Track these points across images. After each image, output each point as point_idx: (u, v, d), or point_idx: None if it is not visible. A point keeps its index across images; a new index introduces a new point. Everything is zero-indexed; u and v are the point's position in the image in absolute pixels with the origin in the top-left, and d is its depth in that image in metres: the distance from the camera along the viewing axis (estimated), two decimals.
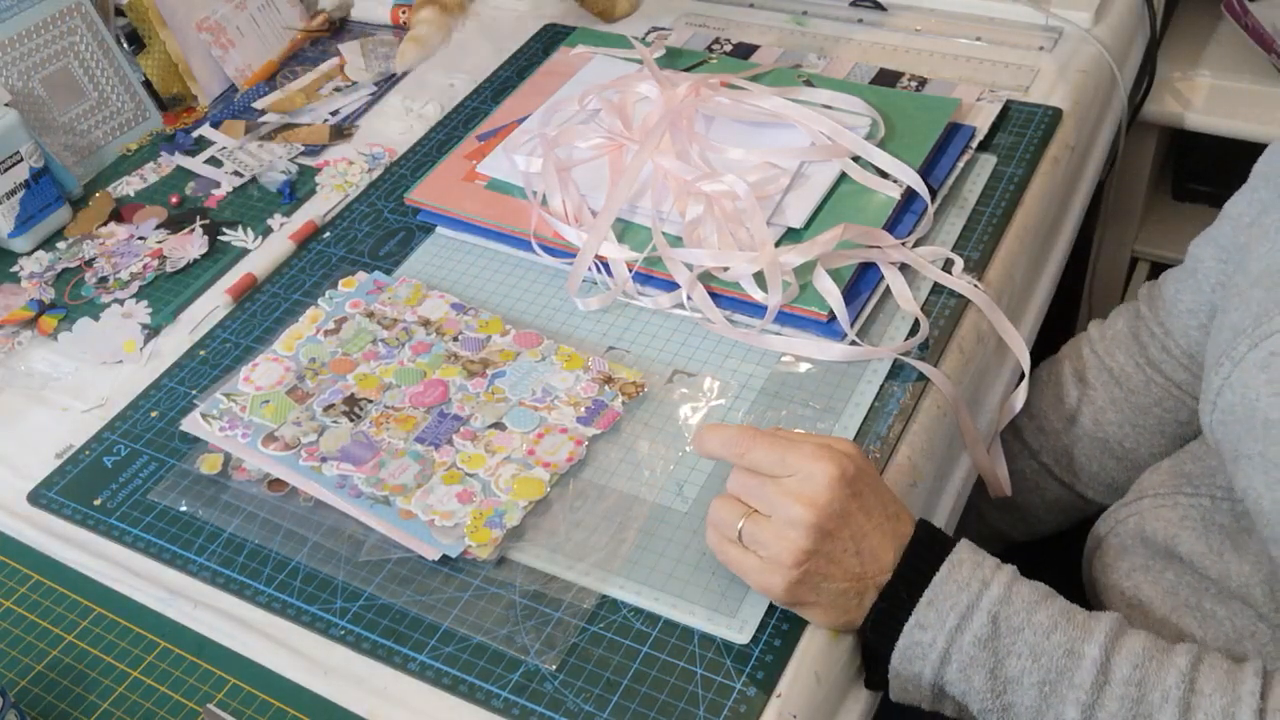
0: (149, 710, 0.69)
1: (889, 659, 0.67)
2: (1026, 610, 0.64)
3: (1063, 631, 0.64)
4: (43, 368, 0.92)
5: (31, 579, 0.77)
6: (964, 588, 0.65)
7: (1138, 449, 0.94)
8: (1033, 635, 0.64)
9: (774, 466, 0.66)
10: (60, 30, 1.10)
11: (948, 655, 0.65)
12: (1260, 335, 0.68)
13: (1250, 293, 0.72)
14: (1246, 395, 0.68)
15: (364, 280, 0.92)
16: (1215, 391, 0.71)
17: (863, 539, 0.65)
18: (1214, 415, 0.71)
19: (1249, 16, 1.27)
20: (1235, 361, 0.69)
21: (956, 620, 0.64)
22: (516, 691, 0.66)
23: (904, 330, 0.84)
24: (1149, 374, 0.92)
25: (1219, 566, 0.76)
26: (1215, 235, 0.85)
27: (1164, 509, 0.81)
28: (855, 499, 0.65)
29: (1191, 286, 0.87)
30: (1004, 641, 0.64)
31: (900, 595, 0.65)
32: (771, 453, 0.66)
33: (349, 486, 0.76)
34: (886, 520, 0.66)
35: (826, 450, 0.65)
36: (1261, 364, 0.68)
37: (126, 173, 1.11)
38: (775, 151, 0.92)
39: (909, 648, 0.66)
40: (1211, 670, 0.63)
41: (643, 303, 0.88)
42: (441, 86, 1.18)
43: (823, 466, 0.64)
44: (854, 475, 0.65)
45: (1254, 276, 0.73)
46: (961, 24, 1.14)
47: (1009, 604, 0.64)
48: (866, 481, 0.66)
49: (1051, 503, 1.00)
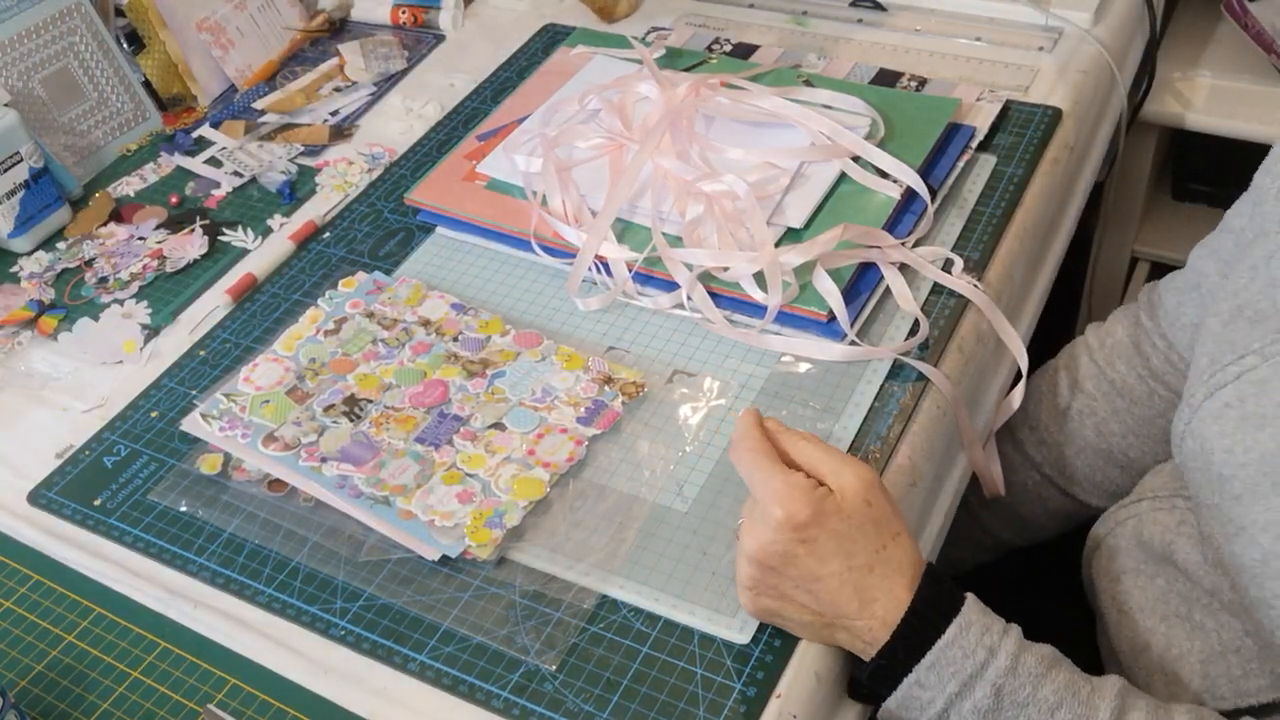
0: (149, 710, 0.69)
1: (884, 696, 0.65)
2: (1032, 684, 0.62)
3: (1068, 709, 0.62)
4: (43, 368, 0.92)
5: (31, 579, 0.77)
6: (969, 655, 0.62)
7: (1143, 458, 0.92)
8: (1036, 713, 0.62)
9: (747, 481, 0.65)
10: (60, 30, 1.10)
11: (945, 715, 0.63)
12: (1215, 385, 0.67)
13: (1210, 324, 0.70)
14: (1204, 445, 0.66)
15: (364, 280, 0.92)
16: (1180, 436, 0.70)
17: (815, 583, 0.63)
18: (1180, 457, 0.70)
19: (1249, 16, 1.27)
20: (1193, 409, 0.68)
21: (957, 688, 0.63)
22: (516, 691, 0.66)
23: (904, 330, 0.84)
24: (1152, 385, 0.91)
25: (1212, 578, 0.75)
26: (1217, 248, 0.83)
27: (1161, 512, 0.81)
28: (804, 544, 0.62)
29: (1194, 300, 0.85)
30: (1006, 715, 0.62)
31: (898, 655, 0.63)
32: (747, 465, 0.65)
33: (349, 487, 0.76)
34: (849, 570, 0.62)
35: (787, 491, 0.63)
36: (1215, 414, 0.66)
37: (126, 173, 1.11)
38: (775, 151, 0.92)
39: (907, 699, 0.64)
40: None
41: (643, 303, 0.88)
42: (441, 86, 1.18)
43: (773, 510, 0.62)
44: (805, 522, 0.62)
45: (1224, 316, 0.71)
46: (961, 24, 1.14)
47: (1015, 676, 0.62)
48: (828, 527, 0.62)
49: (1054, 511, 0.99)
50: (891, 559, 0.64)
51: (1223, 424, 0.65)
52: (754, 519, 0.64)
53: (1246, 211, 0.81)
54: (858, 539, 0.63)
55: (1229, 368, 0.67)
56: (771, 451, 0.65)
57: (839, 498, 0.63)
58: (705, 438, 0.78)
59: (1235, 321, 0.69)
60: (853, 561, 0.63)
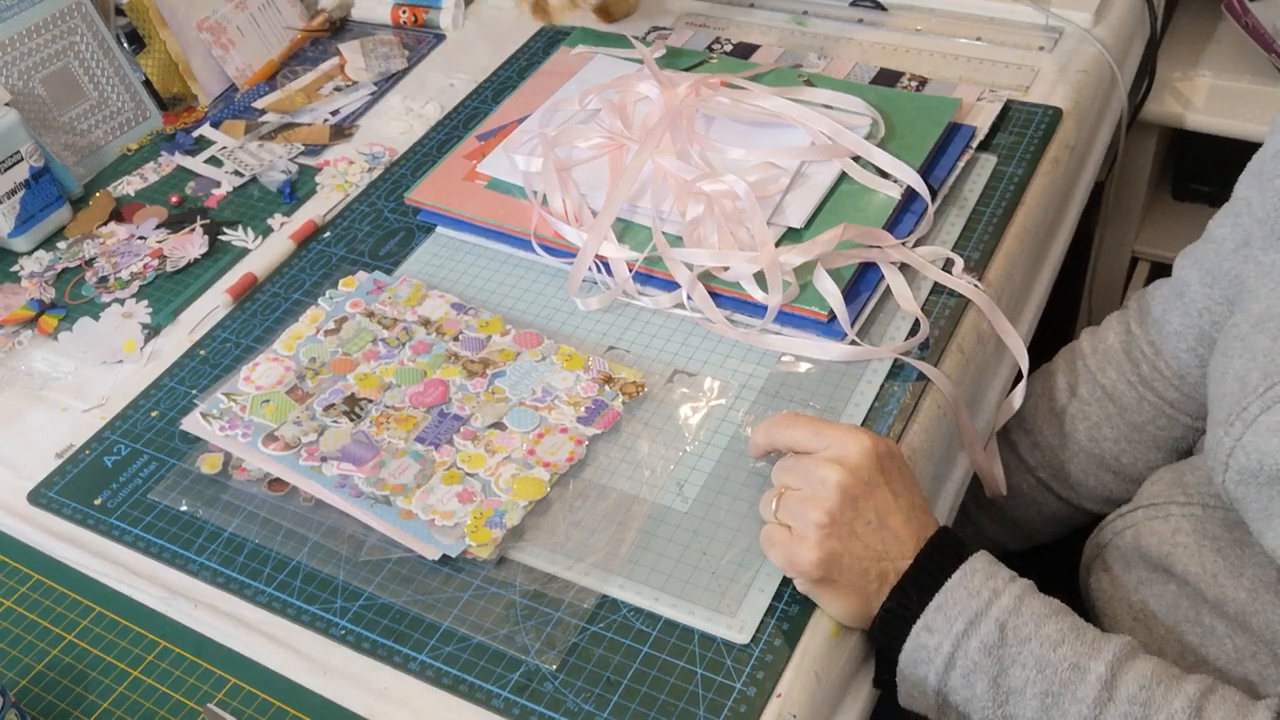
0: (149, 710, 0.69)
1: (897, 661, 0.67)
2: (1035, 622, 0.64)
3: (1070, 646, 0.63)
4: (43, 367, 0.92)
5: (31, 579, 0.77)
6: (975, 595, 0.65)
7: (1134, 464, 0.93)
8: (1039, 646, 0.63)
9: (810, 441, 0.69)
10: (60, 30, 1.10)
11: (952, 660, 0.64)
12: (1272, 398, 0.66)
13: (1253, 339, 0.70)
14: (1265, 461, 0.65)
15: (364, 280, 0.92)
16: (1227, 452, 0.69)
17: (887, 515, 0.66)
18: (1228, 475, 0.69)
19: (1249, 16, 1.27)
20: (1246, 424, 0.67)
21: (964, 625, 0.64)
22: (516, 691, 0.66)
23: (904, 330, 0.84)
24: (1141, 392, 0.91)
25: (1215, 590, 0.75)
26: (1200, 257, 0.84)
27: (1156, 521, 0.81)
28: (884, 474, 0.67)
29: (1179, 309, 0.86)
30: (1010, 650, 0.64)
31: (910, 597, 0.65)
32: (809, 428, 0.69)
33: (349, 486, 0.76)
34: (912, 508, 0.67)
35: (863, 429, 0.69)
36: (1275, 428, 0.65)
37: (127, 172, 1.11)
38: (775, 151, 0.92)
39: (915, 650, 0.66)
40: (1222, 702, 0.62)
41: (643, 303, 0.88)
42: (441, 86, 1.18)
43: (857, 436, 0.68)
44: (885, 453, 0.68)
45: (1255, 319, 0.71)
46: (961, 24, 1.14)
47: (1018, 614, 0.64)
48: (897, 465, 0.68)
49: (1050, 516, 0.99)
50: (927, 507, 0.70)
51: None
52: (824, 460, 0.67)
53: (1228, 223, 0.81)
54: (913, 480, 0.69)
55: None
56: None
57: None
58: (705, 437, 0.78)
59: (1271, 324, 0.69)
60: (914, 499, 0.68)
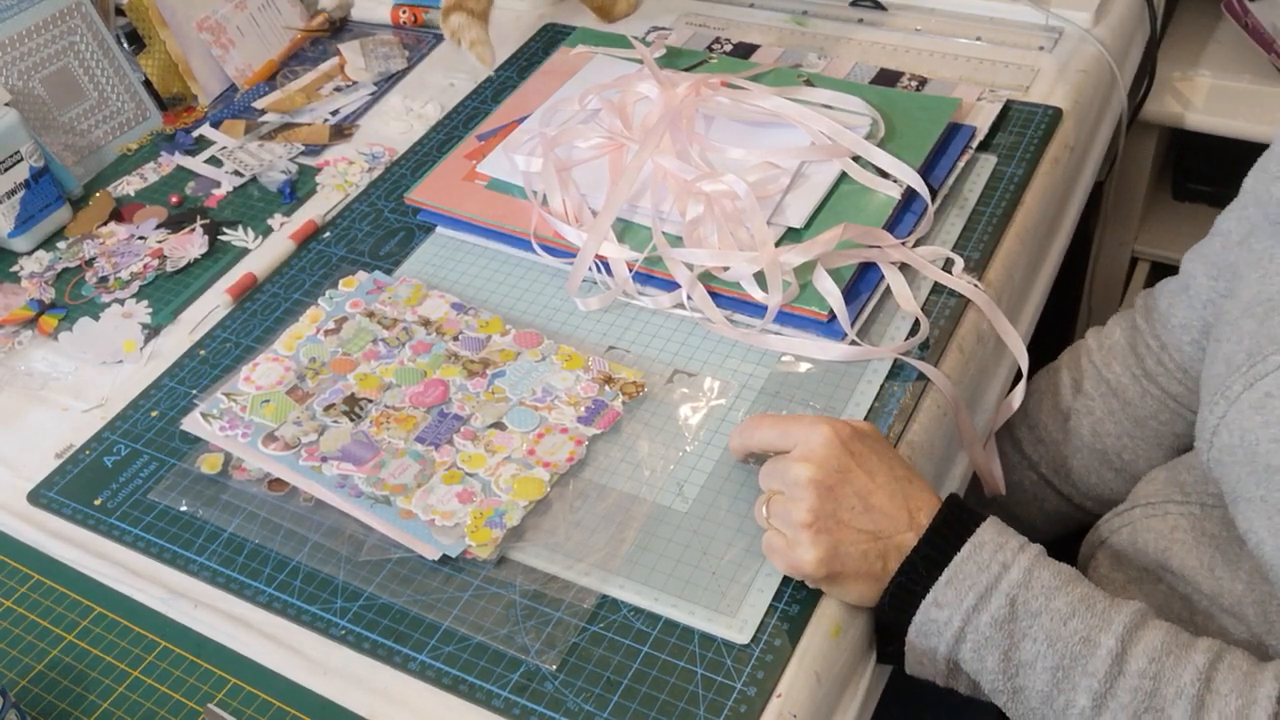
0: (149, 710, 0.69)
1: (905, 631, 0.67)
2: (1045, 595, 0.64)
3: (1081, 619, 0.64)
4: (43, 367, 0.92)
5: (31, 579, 0.77)
6: (984, 569, 0.65)
7: (1136, 461, 0.93)
8: (1050, 621, 0.64)
9: (780, 441, 0.70)
10: (60, 30, 1.10)
11: (963, 634, 0.65)
12: (1255, 375, 0.67)
13: (1242, 322, 0.71)
14: (1245, 438, 0.67)
15: (364, 280, 0.92)
16: (1211, 430, 0.70)
17: (869, 495, 0.67)
18: (1211, 453, 0.70)
19: (1249, 16, 1.27)
20: (1230, 401, 0.68)
21: (974, 601, 0.65)
22: (516, 691, 0.66)
23: (904, 330, 0.84)
24: (1145, 386, 0.91)
25: (1211, 583, 0.75)
26: (1206, 251, 0.85)
27: (1154, 519, 0.81)
28: (854, 457, 0.67)
29: (1184, 302, 0.87)
30: (1020, 624, 0.64)
31: (919, 571, 0.66)
32: (776, 429, 0.70)
33: (349, 486, 0.76)
34: (894, 481, 0.68)
35: (823, 418, 0.69)
36: (1256, 405, 0.66)
37: (127, 172, 1.11)
38: (775, 151, 0.92)
39: (925, 624, 0.66)
40: (1230, 670, 0.62)
41: (643, 303, 0.88)
42: (441, 86, 1.18)
43: (819, 427, 0.68)
44: (850, 435, 0.68)
45: (1245, 304, 0.72)
46: (961, 24, 1.14)
47: (1028, 588, 0.64)
48: (868, 444, 0.69)
49: (1050, 514, 0.99)
50: (919, 478, 0.69)
51: (1266, 413, 0.66)
52: (795, 459, 0.68)
53: (1234, 216, 0.82)
54: (889, 454, 0.70)
55: (1271, 358, 0.67)
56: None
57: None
58: (705, 437, 0.78)
59: (1272, 315, 0.69)
60: (895, 472, 0.68)
